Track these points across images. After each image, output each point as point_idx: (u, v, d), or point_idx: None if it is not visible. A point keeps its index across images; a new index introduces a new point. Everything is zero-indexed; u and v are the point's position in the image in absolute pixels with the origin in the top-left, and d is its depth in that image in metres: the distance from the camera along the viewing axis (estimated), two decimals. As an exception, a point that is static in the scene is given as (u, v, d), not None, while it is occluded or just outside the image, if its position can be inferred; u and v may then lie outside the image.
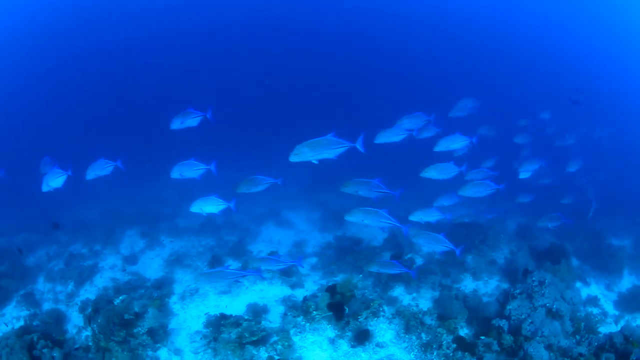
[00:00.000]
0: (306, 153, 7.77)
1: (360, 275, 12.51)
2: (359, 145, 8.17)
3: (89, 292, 12.65)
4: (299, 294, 11.59)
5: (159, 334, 10.22)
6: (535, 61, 37.34)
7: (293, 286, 12.14)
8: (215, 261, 13.28)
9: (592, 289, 12.89)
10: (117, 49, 33.66)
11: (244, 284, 12.14)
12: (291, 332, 9.71)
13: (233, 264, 13.29)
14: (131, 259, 14.41)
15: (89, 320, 10.56)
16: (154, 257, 14.58)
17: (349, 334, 9.63)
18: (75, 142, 22.92)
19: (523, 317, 9.37)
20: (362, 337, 9.39)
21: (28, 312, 12.07)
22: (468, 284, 12.47)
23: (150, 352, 9.81)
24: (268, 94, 30.89)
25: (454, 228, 14.64)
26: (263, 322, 10.27)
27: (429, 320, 9.74)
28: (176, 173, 9.75)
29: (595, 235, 15.65)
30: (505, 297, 10.39)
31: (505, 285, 12.31)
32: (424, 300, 11.40)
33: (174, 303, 11.64)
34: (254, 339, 9.23)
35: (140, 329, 10.13)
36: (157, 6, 35.25)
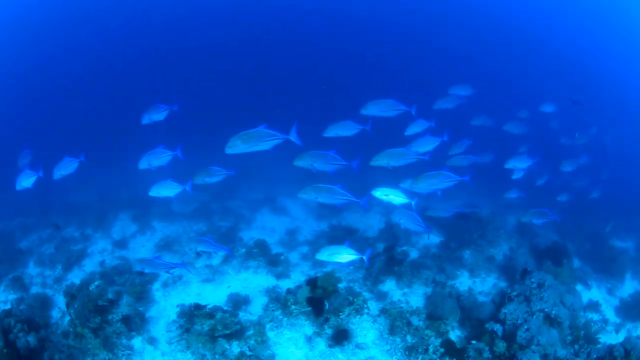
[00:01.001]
0: (239, 145, 7.37)
1: (351, 267, 11.44)
2: (292, 137, 7.55)
3: (76, 277, 11.76)
4: (285, 285, 10.50)
5: (135, 322, 9.31)
6: (540, 56, 35.41)
7: (279, 276, 11.07)
8: (201, 248, 12.24)
9: (593, 292, 11.70)
10: (98, 40, 32.40)
11: (229, 272, 11.13)
12: (267, 326, 8.68)
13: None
14: (121, 244, 13.50)
15: (67, 305, 9.77)
16: (145, 241, 13.67)
17: (329, 331, 8.55)
18: (65, 132, 22.16)
19: (519, 322, 8.18)
20: (341, 337, 8.30)
21: (15, 296, 11.30)
22: (464, 281, 11.36)
23: (124, 341, 8.91)
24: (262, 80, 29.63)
25: (452, 221, 13.52)
26: (242, 314, 9.29)
27: (416, 321, 8.62)
28: (144, 163, 9.33)
29: (598, 236, 14.42)
30: (502, 299, 9.20)
31: (502, 284, 11.20)
32: (415, 297, 10.26)
33: (156, 290, 10.69)
34: (227, 332, 8.25)
35: (114, 316, 9.18)
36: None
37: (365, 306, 9.03)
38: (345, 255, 8.23)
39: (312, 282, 8.89)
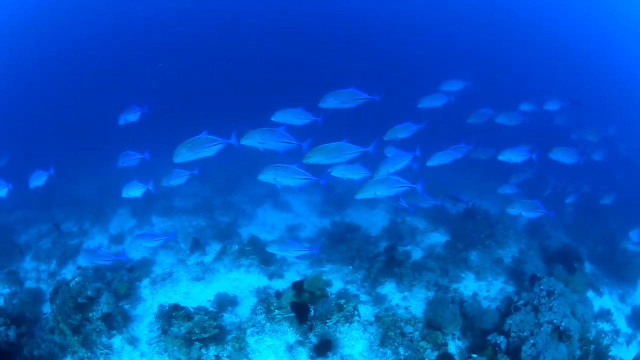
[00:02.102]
0: (185, 154, 7.34)
1: (350, 267, 10.41)
2: (233, 141, 7.46)
3: (70, 272, 11.02)
4: (278, 286, 9.48)
5: (117, 320, 8.48)
6: (547, 55, 33.47)
7: (271, 276, 10.05)
8: (195, 244, 11.30)
9: (605, 299, 10.43)
10: (95, 37, 31.65)
11: (219, 271, 10.18)
12: (248, 331, 7.71)
13: (215, 247, 11.37)
14: (118, 239, 12.72)
15: (50, 301, 9.03)
16: (142, 236, 12.78)
17: (313, 339, 7.52)
18: (65, 127, 21.61)
19: (525, 334, 7.05)
20: (325, 347, 7.24)
21: (9, 290, 10.64)
22: (469, 284, 10.19)
23: (104, 339, 8.09)
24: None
25: (458, 220, 12.45)
26: (227, 316, 8.35)
27: (411, 331, 7.50)
28: (120, 164, 9.91)
29: (611, 238, 13.09)
30: (507, 307, 8.04)
31: (510, 289, 10.03)
32: (415, 301, 9.17)
33: (144, 287, 9.83)
34: (205, 335, 7.32)
35: (94, 313, 8.39)
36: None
37: (356, 313, 7.97)
38: (294, 250, 8.27)
39: (297, 285, 7.88)
